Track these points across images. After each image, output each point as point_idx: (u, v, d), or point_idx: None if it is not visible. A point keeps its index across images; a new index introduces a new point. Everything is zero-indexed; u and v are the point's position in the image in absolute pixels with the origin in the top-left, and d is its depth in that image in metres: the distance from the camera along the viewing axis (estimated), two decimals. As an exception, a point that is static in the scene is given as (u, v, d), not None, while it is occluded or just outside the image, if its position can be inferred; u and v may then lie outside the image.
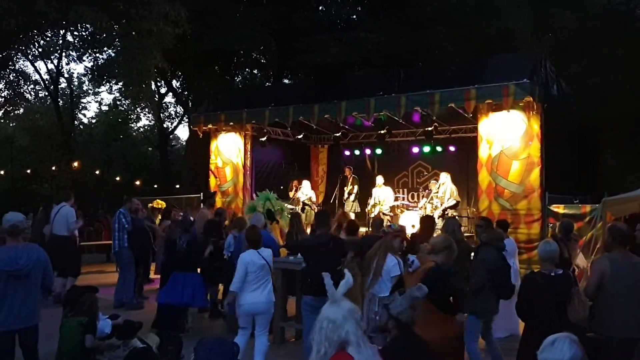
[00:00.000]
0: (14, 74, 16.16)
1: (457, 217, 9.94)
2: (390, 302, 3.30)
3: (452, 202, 11.31)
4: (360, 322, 2.57)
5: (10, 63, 15.50)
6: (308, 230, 11.67)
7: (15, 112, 19.53)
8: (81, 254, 10.95)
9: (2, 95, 15.94)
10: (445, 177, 11.54)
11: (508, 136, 9.78)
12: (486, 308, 5.46)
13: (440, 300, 4.50)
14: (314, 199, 13.08)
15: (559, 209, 9.03)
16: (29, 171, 27.44)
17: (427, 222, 7.60)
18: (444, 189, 11.40)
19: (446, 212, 11.16)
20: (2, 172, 27.66)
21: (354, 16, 16.25)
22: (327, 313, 2.54)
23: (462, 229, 8.61)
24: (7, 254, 4.63)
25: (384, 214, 12.06)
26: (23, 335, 4.80)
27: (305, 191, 12.91)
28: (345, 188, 13.26)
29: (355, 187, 13.11)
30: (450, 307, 4.67)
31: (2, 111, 17.89)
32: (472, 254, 6.02)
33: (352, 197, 13.08)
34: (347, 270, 2.90)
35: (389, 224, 7.14)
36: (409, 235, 7.43)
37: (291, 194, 13.07)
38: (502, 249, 5.50)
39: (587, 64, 14.91)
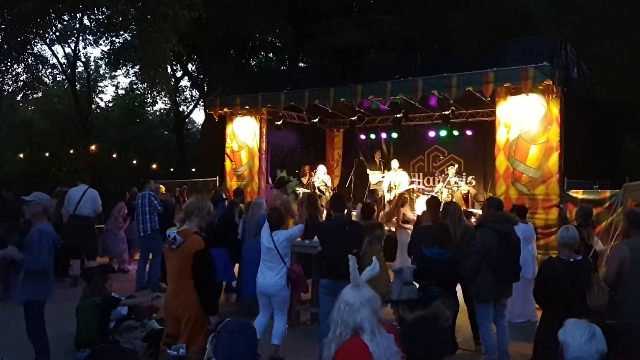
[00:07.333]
0: (32, 58, 16.21)
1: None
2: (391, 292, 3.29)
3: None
4: (378, 310, 2.54)
5: (28, 47, 15.55)
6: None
7: (34, 95, 19.61)
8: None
9: (21, 79, 16.01)
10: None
11: (526, 120, 9.63)
12: (481, 292, 5.34)
13: None
14: (329, 183, 13.04)
15: (578, 194, 8.91)
16: (47, 154, 27.73)
17: (432, 203, 7.52)
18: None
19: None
20: (21, 155, 28.01)
21: (371, -1, 16.04)
22: (347, 296, 2.54)
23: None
24: (51, 229, 4.87)
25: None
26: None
27: (320, 176, 12.87)
28: (378, 172, 13.09)
29: (386, 171, 13.03)
30: None
31: (21, 95, 17.98)
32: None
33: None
34: (374, 257, 2.86)
35: None
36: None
37: (304, 180, 13.04)
38: (502, 231, 5.26)
39: (610, 46, 14.54)
